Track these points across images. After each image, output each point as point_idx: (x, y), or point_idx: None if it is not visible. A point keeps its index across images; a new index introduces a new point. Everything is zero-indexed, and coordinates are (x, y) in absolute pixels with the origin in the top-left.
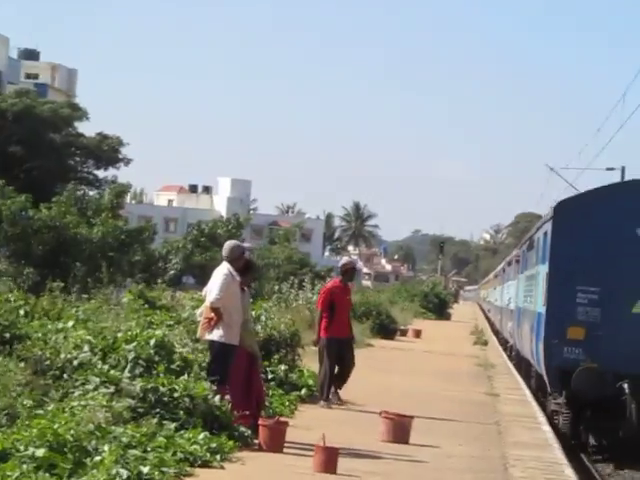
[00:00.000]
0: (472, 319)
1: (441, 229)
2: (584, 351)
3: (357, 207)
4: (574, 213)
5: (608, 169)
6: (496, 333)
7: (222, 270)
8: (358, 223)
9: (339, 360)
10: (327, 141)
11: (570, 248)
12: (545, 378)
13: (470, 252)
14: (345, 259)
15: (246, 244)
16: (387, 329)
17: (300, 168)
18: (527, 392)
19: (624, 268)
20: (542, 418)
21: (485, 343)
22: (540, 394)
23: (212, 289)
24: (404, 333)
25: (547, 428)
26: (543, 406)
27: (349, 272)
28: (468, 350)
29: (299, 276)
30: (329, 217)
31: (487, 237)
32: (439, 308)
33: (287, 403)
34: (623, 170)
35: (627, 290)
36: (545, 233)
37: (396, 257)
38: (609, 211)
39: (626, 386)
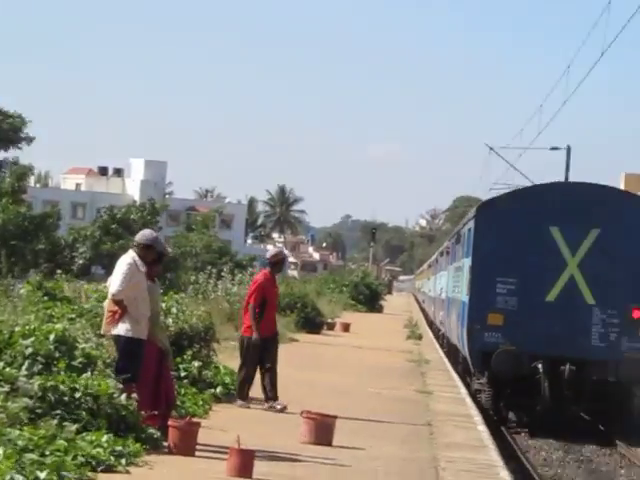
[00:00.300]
0: (406, 311)
1: (373, 215)
2: (503, 335)
3: (282, 191)
4: (494, 213)
5: (552, 148)
6: (431, 325)
7: (126, 259)
8: (283, 208)
9: (262, 359)
10: (250, 121)
11: (490, 244)
12: (469, 360)
13: (405, 239)
14: (275, 249)
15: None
16: (313, 323)
17: (220, 149)
18: (463, 390)
19: (538, 262)
20: (477, 417)
21: (419, 337)
22: (466, 376)
23: (114, 280)
24: (331, 327)
25: (482, 428)
26: (468, 387)
27: (279, 263)
28: (401, 345)
29: (219, 266)
30: (252, 202)
31: (423, 223)
32: (370, 300)
33: (200, 402)
34: (569, 150)
35: (541, 281)
36: (469, 230)
37: (324, 245)
38: (526, 211)
39: (540, 366)
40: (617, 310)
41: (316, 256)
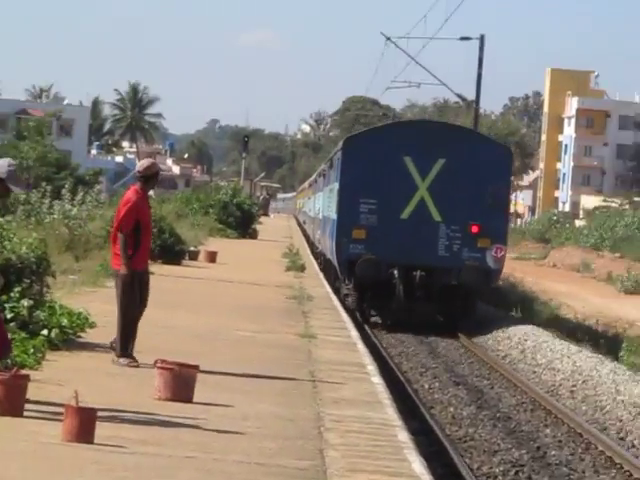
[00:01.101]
0: (286, 237)
1: (246, 120)
2: (365, 247)
3: (134, 90)
4: (359, 145)
5: (462, 39)
6: (314, 251)
7: None
8: (135, 112)
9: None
10: (94, 4)
11: (355, 171)
12: (337, 269)
13: (285, 149)
14: (147, 161)
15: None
16: (171, 251)
17: (58, 38)
18: (354, 332)
19: (395, 186)
20: (371, 366)
21: (302, 268)
22: (337, 283)
23: None
24: (194, 256)
25: (378, 380)
26: (338, 291)
27: (153, 178)
28: (279, 278)
29: (56, 182)
30: (96, 104)
31: (307, 129)
32: (242, 223)
33: (31, 350)
34: (482, 40)
35: (397, 201)
36: (338, 159)
37: (186, 156)
38: (384, 144)
39: (395, 272)
40: (459, 226)
41: (176, 170)
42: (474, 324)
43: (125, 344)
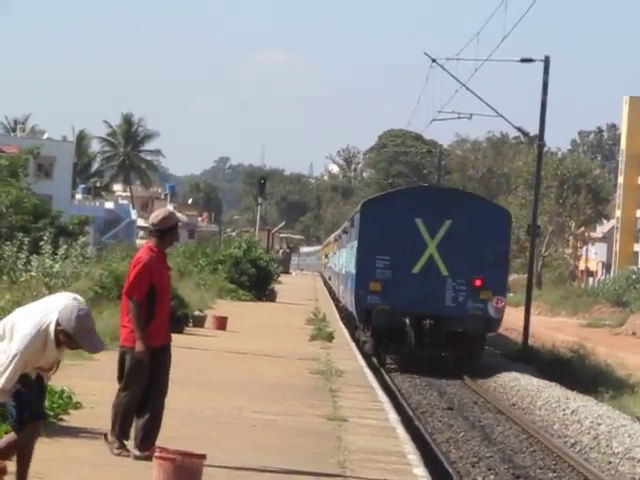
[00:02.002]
0: (310, 299)
1: (262, 158)
2: (380, 298)
3: (128, 123)
4: (375, 207)
5: (523, 60)
6: (337, 302)
7: None
8: (129, 148)
9: (150, 380)
10: (80, 20)
11: (372, 230)
12: (356, 318)
13: (309, 194)
14: (163, 211)
15: None
16: (172, 316)
17: (38, 66)
18: (392, 414)
19: (407, 244)
20: (413, 455)
21: (329, 337)
22: (356, 331)
23: None
24: (200, 322)
25: (422, 472)
26: (357, 340)
27: (172, 232)
28: (302, 349)
29: (34, 232)
30: (82, 138)
31: (335, 170)
32: (258, 283)
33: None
34: (547, 62)
35: (409, 258)
36: (357, 219)
37: (190, 202)
38: (397, 206)
39: (407, 320)
40: (464, 280)
41: (178, 216)
42: (476, 366)
43: (123, 428)
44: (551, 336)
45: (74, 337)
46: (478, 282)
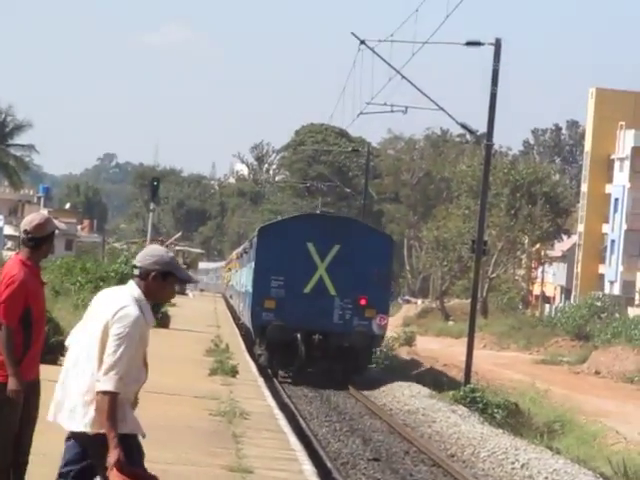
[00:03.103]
0: (211, 325)
1: (155, 156)
2: (275, 315)
3: None
4: (270, 233)
5: (470, 44)
6: (240, 327)
7: None
8: None
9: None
10: None
11: (267, 253)
12: (252, 333)
13: (211, 199)
14: (38, 217)
15: None
16: (45, 344)
17: None
18: (307, 465)
19: (299, 266)
20: None
21: (233, 372)
22: (251, 344)
23: None
24: None
25: None
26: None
27: (47, 241)
28: (200, 385)
29: None
30: None
31: (242, 170)
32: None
33: None
34: (498, 45)
35: (301, 278)
36: (255, 243)
37: (68, 206)
38: (292, 232)
39: (299, 336)
40: (350, 299)
41: (55, 222)
42: (361, 378)
43: None
44: (498, 374)
45: (173, 271)
46: (363, 301)
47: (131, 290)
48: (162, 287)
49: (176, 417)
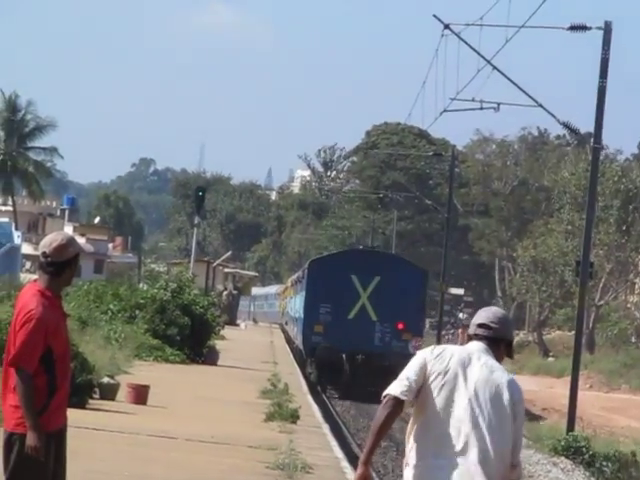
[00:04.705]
0: (267, 362)
1: (199, 162)
2: (323, 338)
3: (11, 106)
4: (320, 265)
5: (574, 28)
6: (294, 351)
7: None
8: (12, 143)
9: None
10: None
11: (317, 283)
12: (303, 352)
13: (267, 212)
14: (60, 237)
15: None
16: (71, 384)
17: None
18: None
19: (344, 294)
20: None
21: (293, 417)
22: (302, 363)
23: None
24: (110, 393)
25: None
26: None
27: (70, 268)
28: (255, 433)
29: None
30: None
31: (305, 174)
32: (192, 338)
33: None
34: (608, 29)
35: (346, 306)
36: (305, 274)
37: (97, 221)
38: (338, 265)
39: (344, 356)
40: (389, 324)
41: (82, 243)
42: None
43: None
44: (607, 420)
45: None
46: (401, 325)
47: None
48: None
49: (227, 470)
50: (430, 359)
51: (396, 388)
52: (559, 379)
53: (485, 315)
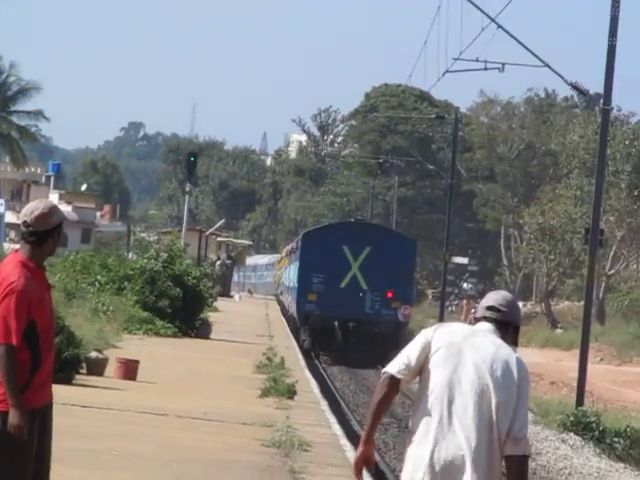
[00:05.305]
0: (262, 335)
1: (191, 126)
2: (316, 306)
3: None
4: (312, 237)
5: None
6: (289, 320)
7: None
8: None
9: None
10: None
11: (310, 254)
12: (298, 321)
13: (261, 179)
14: (41, 205)
15: None
16: (57, 360)
17: None
18: None
19: (336, 265)
20: None
21: (290, 392)
22: (299, 332)
23: None
24: (98, 368)
25: None
26: (298, 338)
27: (53, 238)
28: (249, 409)
29: None
30: None
31: (302, 139)
32: (184, 310)
33: None
34: None
35: (337, 275)
36: (299, 245)
37: (84, 188)
38: (330, 237)
39: (336, 323)
40: (379, 292)
41: (68, 211)
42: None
43: None
44: (619, 394)
45: None
46: (390, 294)
47: None
48: None
49: (221, 449)
50: (433, 336)
51: (394, 366)
52: (568, 351)
53: (494, 297)
